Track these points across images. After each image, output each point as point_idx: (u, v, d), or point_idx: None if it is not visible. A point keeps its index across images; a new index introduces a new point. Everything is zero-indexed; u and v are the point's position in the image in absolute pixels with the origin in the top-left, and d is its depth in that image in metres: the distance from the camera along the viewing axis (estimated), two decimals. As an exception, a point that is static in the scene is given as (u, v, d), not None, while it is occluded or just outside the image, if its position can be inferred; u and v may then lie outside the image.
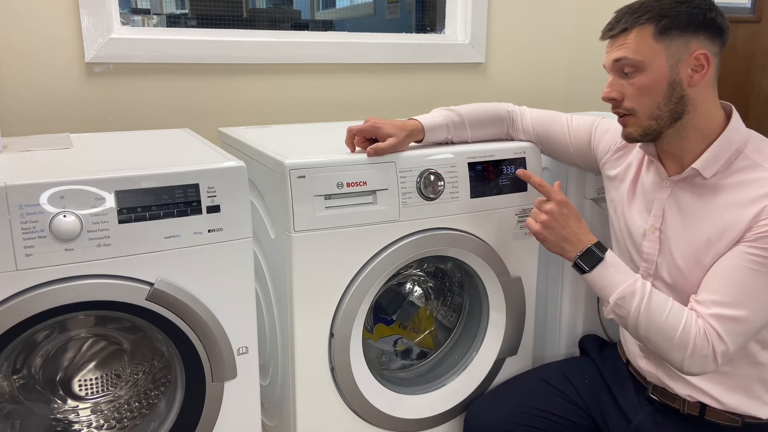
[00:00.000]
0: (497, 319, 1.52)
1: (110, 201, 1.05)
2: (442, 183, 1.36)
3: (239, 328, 1.21)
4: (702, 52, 1.09)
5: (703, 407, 1.20)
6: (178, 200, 1.10)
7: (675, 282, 1.19)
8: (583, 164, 1.45)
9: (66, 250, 1.02)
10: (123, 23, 1.69)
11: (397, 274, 1.54)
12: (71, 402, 1.29)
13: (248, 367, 1.24)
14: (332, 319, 1.32)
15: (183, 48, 1.72)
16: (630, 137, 1.18)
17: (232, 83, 1.82)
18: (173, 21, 2.06)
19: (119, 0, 1.66)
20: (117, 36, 1.63)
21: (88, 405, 1.30)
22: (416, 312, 1.68)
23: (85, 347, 1.29)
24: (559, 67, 2.35)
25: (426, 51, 2.07)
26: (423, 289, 1.69)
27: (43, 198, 1.00)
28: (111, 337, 1.30)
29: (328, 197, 1.26)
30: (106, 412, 1.30)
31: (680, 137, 1.15)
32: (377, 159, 1.29)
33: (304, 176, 1.23)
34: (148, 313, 1.11)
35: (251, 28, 1.86)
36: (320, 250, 1.27)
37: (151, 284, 1.10)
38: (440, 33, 2.20)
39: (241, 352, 1.22)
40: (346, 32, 2.00)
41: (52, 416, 1.27)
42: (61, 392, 1.28)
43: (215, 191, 1.13)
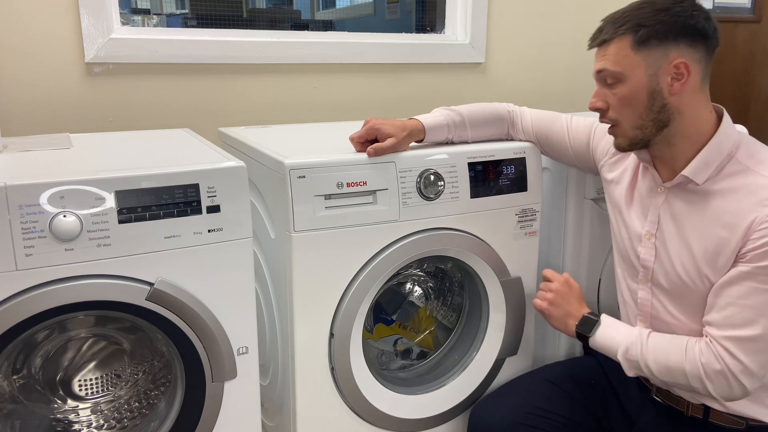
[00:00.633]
0: (497, 319, 1.52)
1: (110, 201, 1.05)
2: (442, 183, 1.36)
3: (239, 328, 1.21)
4: (681, 61, 1.08)
5: (707, 410, 1.20)
6: (178, 200, 1.10)
7: (673, 288, 1.19)
8: (582, 165, 1.45)
9: (66, 250, 1.02)
10: (123, 23, 1.69)
11: (397, 274, 1.54)
12: (71, 402, 1.29)
13: (248, 367, 1.24)
14: (332, 319, 1.32)
15: (183, 48, 1.72)
16: (620, 148, 1.19)
17: (232, 83, 1.82)
18: (173, 21, 2.06)
19: (119, 0, 1.66)
20: (117, 36, 1.63)
21: (88, 405, 1.30)
22: (416, 312, 1.68)
23: (85, 347, 1.29)
24: (560, 68, 2.35)
25: (426, 51, 2.07)
26: (423, 289, 1.69)
27: (43, 198, 1.00)
28: (111, 337, 1.30)
29: (328, 197, 1.26)
30: (106, 412, 1.30)
31: (669, 144, 1.15)
32: (377, 159, 1.29)
33: (304, 176, 1.23)
34: (148, 313, 1.11)
35: (251, 28, 1.86)
36: (320, 250, 1.27)
37: (151, 284, 1.10)
38: (440, 33, 2.20)
39: (241, 352, 1.22)
40: (346, 32, 2.00)
41: (52, 416, 1.27)
42: (61, 392, 1.28)
43: (215, 191, 1.13)
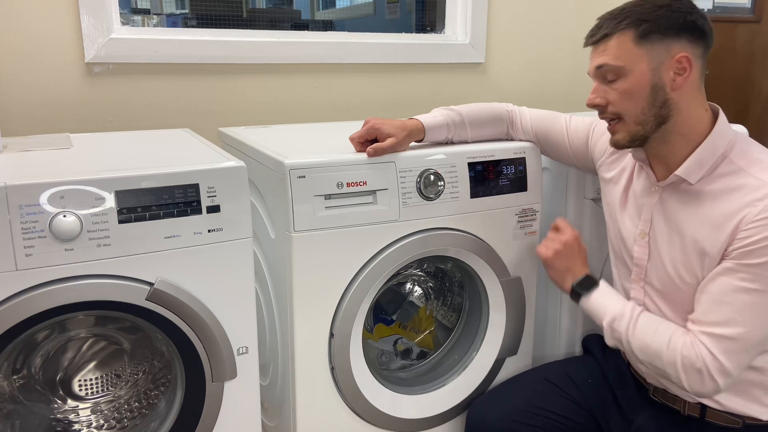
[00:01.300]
0: (497, 319, 1.52)
1: (110, 201, 1.05)
2: (442, 183, 1.36)
3: (239, 328, 1.21)
4: (684, 55, 1.09)
5: (704, 408, 1.20)
6: (178, 200, 1.10)
7: (665, 288, 1.19)
8: (581, 165, 1.45)
9: (66, 250, 1.02)
10: (123, 23, 1.69)
11: (397, 274, 1.54)
12: (71, 402, 1.29)
13: (248, 367, 1.24)
14: (332, 319, 1.32)
15: (183, 48, 1.72)
16: (618, 144, 1.17)
17: (232, 83, 1.82)
18: (173, 21, 2.06)
19: (119, 0, 1.66)
20: (117, 36, 1.63)
21: (88, 405, 1.30)
22: (416, 312, 1.68)
23: (85, 347, 1.29)
24: (559, 67, 2.35)
25: (426, 51, 2.07)
26: (423, 289, 1.69)
27: (43, 198, 1.00)
28: (111, 337, 1.30)
29: (328, 197, 1.26)
30: (106, 412, 1.30)
31: (665, 142, 1.14)
32: (377, 159, 1.29)
33: (304, 176, 1.23)
34: (148, 313, 1.11)
35: (251, 28, 1.86)
36: (320, 250, 1.27)
37: (151, 284, 1.10)
38: (440, 33, 2.20)
39: (241, 352, 1.22)
40: (346, 32, 2.00)
41: (52, 416, 1.27)
42: (61, 392, 1.28)
43: (215, 191, 1.13)
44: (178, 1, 2.12)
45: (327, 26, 3.16)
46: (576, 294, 1.28)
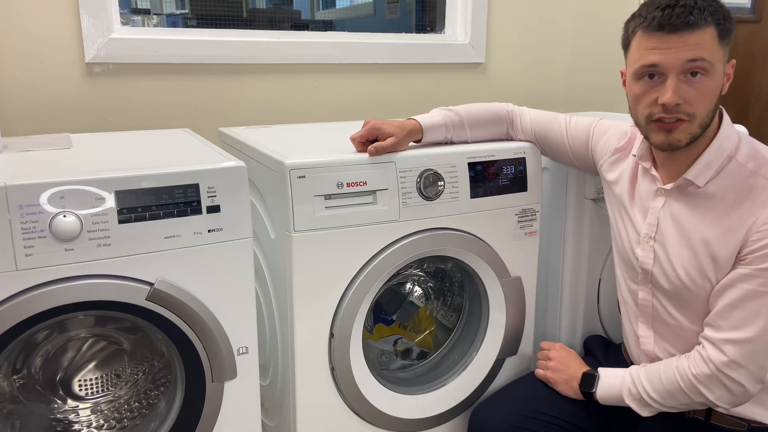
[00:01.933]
0: (497, 319, 1.52)
1: (110, 201, 1.05)
2: (442, 183, 1.36)
3: (239, 328, 1.21)
4: (733, 62, 1.11)
5: (709, 411, 1.20)
6: (178, 200, 1.10)
7: (675, 291, 1.18)
8: (581, 166, 1.45)
9: (66, 250, 1.02)
10: (123, 23, 1.69)
11: (397, 274, 1.54)
12: (71, 402, 1.29)
13: (248, 367, 1.24)
14: (332, 319, 1.32)
15: (183, 48, 1.72)
16: (675, 145, 1.09)
17: (232, 83, 1.82)
18: (173, 21, 2.06)
19: (119, 0, 1.66)
20: (117, 36, 1.64)
21: (88, 405, 1.30)
22: (416, 312, 1.68)
23: (85, 347, 1.29)
24: (559, 67, 2.35)
25: (426, 51, 2.07)
26: (423, 289, 1.69)
27: (43, 198, 1.00)
28: (111, 337, 1.30)
29: (328, 197, 1.26)
30: (106, 412, 1.30)
31: None
32: (377, 159, 1.29)
33: (304, 176, 1.23)
34: (148, 313, 1.11)
35: (251, 28, 1.86)
36: (320, 250, 1.27)
37: (151, 284, 1.10)
38: (440, 33, 2.20)
39: (241, 352, 1.22)
40: (346, 32, 2.00)
41: (52, 416, 1.27)
42: (61, 392, 1.28)
43: (215, 191, 1.13)
44: (178, 1, 2.12)
45: (327, 26, 3.16)
46: (588, 394, 1.29)
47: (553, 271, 1.63)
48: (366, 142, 1.31)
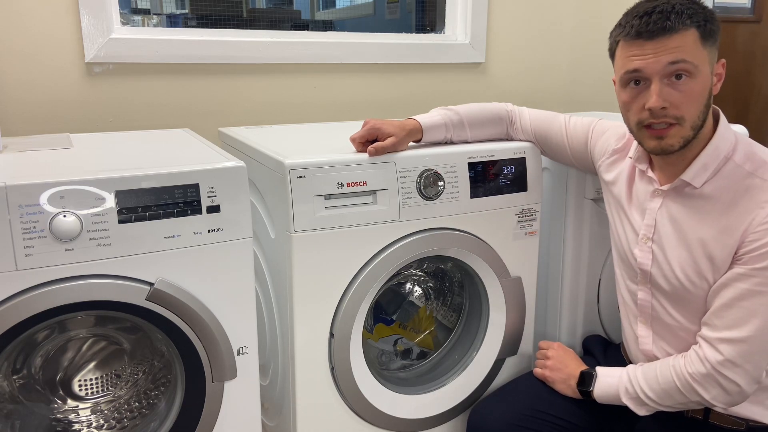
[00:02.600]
0: (497, 319, 1.52)
1: (110, 201, 1.05)
2: (442, 183, 1.36)
3: (239, 328, 1.21)
4: (723, 61, 1.11)
5: (707, 411, 1.20)
6: (178, 200, 1.10)
7: (673, 291, 1.18)
8: (580, 166, 1.45)
9: (66, 250, 1.02)
10: (123, 23, 1.69)
11: (397, 274, 1.54)
12: (71, 402, 1.29)
13: (248, 367, 1.24)
14: (332, 319, 1.32)
15: (183, 48, 1.72)
16: (668, 150, 1.10)
17: (232, 83, 1.82)
18: (173, 21, 2.06)
19: (119, 0, 1.66)
20: (117, 36, 1.64)
21: (88, 405, 1.30)
22: (416, 312, 1.68)
23: (85, 347, 1.29)
24: (559, 67, 2.35)
25: (426, 51, 2.07)
26: (423, 289, 1.69)
27: (43, 198, 1.00)
28: (111, 337, 1.30)
29: (328, 197, 1.26)
30: (106, 412, 1.30)
31: None
32: (377, 159, 1.29)
33: (304, 176, 1.23)
34: (148, 313, 1.11)
35: (251, 28, 1.86)
36: (320, 250, 1.27)
37: (151, 284, 1.10)
38: (440, 33, 2.20)
39: (241, 352, 1.22)
40: (346, 32, 2.00)
41: (52, 416, 1.27)
42: (61, 392, 1.28)
43: (215, 191, 1.13)
44: (178, 1, 2.12)
45: (327, 26, 3.16)
46: (585, 392, 1.30)
47: (553, 271, 1.63)
48: (366, 142, 1.31)
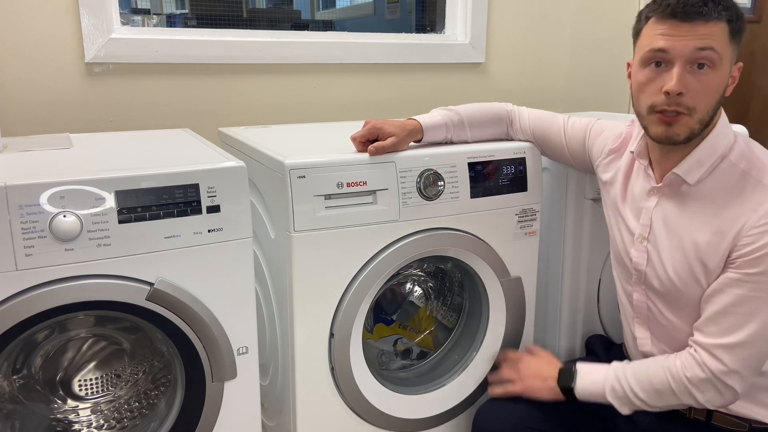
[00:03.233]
0: (497, 319, 1.52)
1: (110, 201, 1.05)
2: (442, 183, 1.36)
3: (239, 328, 1.21)
4: (740, 65, 1.09)
5: (710, 412, 1.19)
6: (178, 200, 1.10)
7: (666, 292, 1.18)
8: (579, 166, 1.45)
9: (66, 250, 1.02)
10: (123, 23, 1.69)
11: (397, 274, 1.54)
12: (71, 402, 1.29)
13: (248, 367, 1.24)
14: (332, 319, 1.32)
15: (183, 48, 1.72)
16: (674, 139, 1.08)
17: (232, 83, 1.82)
18: (173, 21, 2.06)
19: (119, 0, 1.66)
20: (117, 36, 1.63)
21: (88, 405, 1.30)
22: (416, 312, 1.68)
23: (85, 347, 1.29)
24: (559, 67, 2.35)
25: (426, 51, 2.07)
26: (423, 289, 1.69)
27: (43, 198, 1.00)
28: (111, 337, 1.30)
29: (328, 197, 1.26)
30: (106, 412, 1.30)
31: None
32: (377, 159, 1.29)
33: (304, 176, 1.23)
34: (148, 313, 1.11)
35: (251, 28, 1.86)
36: (320, 250, 1.27)
37: (151, 284, 1.10)
38: (440, 33, 2.20)
39: (241, 352, 1.22)
40: (346, 32, 2.00)
41: (52, 416, 1.27)
42: (61, 392, 1.28)
43: (215, 191, 1.13)
44: (178, 1, 2.12)
45: (327, 26, 3.17)
46: (568, 390, 1.24)
47: (553, 271, 1.63)
48: (366, 142, 1.31)
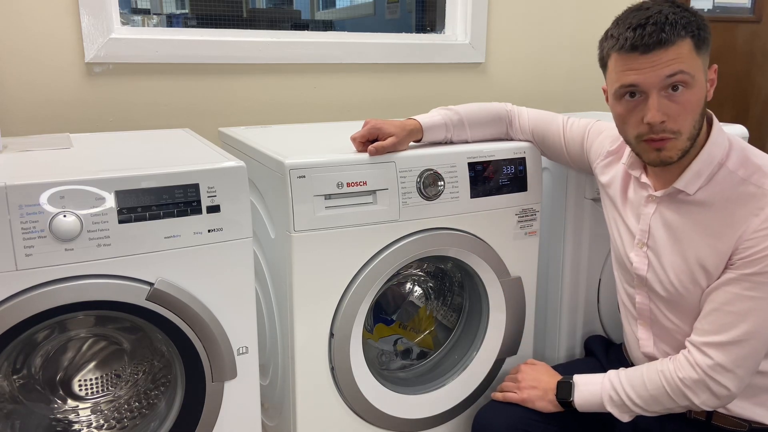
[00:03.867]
0: (497, 319, 1.52)
1: (110, 201, 1.05)
2: (442, 183, 1.36)
3: (239, 328, 1.21)
4: (715, 66, 1.09)
5: (710, 412, 1.19)
6: (178, 200, 1.10)
7: (669, 296, 1.18)
8: (578, 167, 1.45)
9: (66, 250, 1.02)
10: (123, 23, 1.69)
11: (397, 274, 1.54)
12: (71, 402, 1.29)
13: (248, 367, 1.24)
14: (332, 319, 1.32)
15: (183, 48, 1.72)
16: (667, 162, 1.09)
17: (232, 83, 1.82)
18: (173, 21, 2.06)
19: (119, 0, 1.66)
20: (117, 36, 1.64)
21: (88, 405, 1.30)
22: (416, 312, 1.68)
23: (85, 347, 1.29)
24: (559, 68, 2.35)
25: (426, 51, 2.07)
26: (423, 289, 1.69)
27: (43, 198, 1.00)
28: (111, 337, 1.30)
29: (328, 197, 1.26)
30: (106, 412, 1.30)
31: None
32: (377, 159, 1.29)
33: (304, 176, 1.23)
34: (148, 313, 1.11)
35: (251, 28, 1.86)
36: (320, 250, 1.27)
37: (151, 284, 1.10)
38: (440, 33, 2.20)
39: (241, 352, 1.22)
40: (346, 32, 2.00)
41: (52, 416, 1.27)
42: (61, 392, 1.28)
43: (215, 191, 1.13)
44: (178, 1, 2.12)
45: (327, 26, 3.17)
46: (566, 403, 1.26)
47: (553, 271, 1.63)
48: (366, 142, 1.31)
